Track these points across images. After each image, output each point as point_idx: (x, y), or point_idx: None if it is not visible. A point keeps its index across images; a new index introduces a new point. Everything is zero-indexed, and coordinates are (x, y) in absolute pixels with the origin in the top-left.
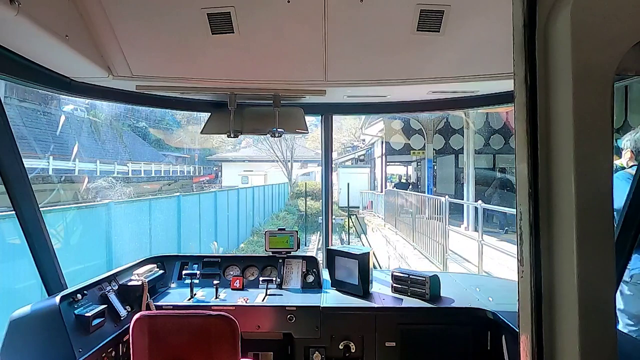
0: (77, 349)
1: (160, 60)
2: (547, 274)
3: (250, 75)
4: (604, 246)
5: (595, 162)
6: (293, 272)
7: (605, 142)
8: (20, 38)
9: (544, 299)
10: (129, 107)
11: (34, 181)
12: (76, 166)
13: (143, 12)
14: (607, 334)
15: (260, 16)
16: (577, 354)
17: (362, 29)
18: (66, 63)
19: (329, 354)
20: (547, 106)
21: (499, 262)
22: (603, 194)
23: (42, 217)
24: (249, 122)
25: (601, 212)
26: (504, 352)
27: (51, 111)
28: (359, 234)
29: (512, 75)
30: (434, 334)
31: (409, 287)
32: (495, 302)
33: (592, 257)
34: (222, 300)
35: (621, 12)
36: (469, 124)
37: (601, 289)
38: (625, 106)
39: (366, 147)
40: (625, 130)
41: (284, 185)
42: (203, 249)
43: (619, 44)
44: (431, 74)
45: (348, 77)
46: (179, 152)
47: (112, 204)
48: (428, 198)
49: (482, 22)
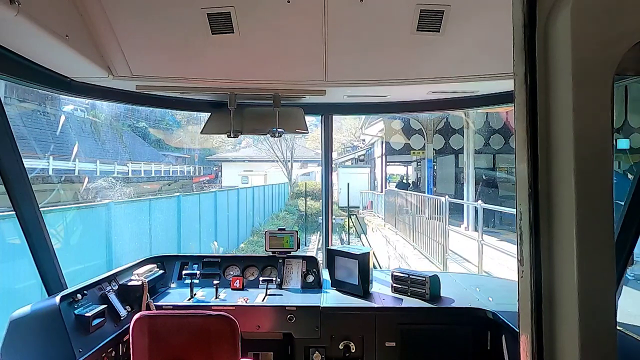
0: (77, 349)
1: (160, 60)
2: (547, 274)
3: (250, 75)
4: (604, 246)
5: (595, 162)
6: (293, 272)
7: (605, 142)
8: (20, 38)
9: (544, 299)
10: (129, 107)
11: (34, 181)
12: (76, 166)
13: (143, 12)
14: (607, 334)
15: (260, 16)
16: (577, 354)
17: (362, 29)
18: (66, 63)
19: (329, 354)
20: (547, 106)
21: (499, 262)
22: (603, 194)
23: (42, 217)
24: (249, 122)
25: (601, 212)
26: (504, 352)
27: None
28: (359, 234)
29: (512, 75)
30: (434, 334)
31: (409, 287)
32: (495, 302)
33: (592, 257)
34: (222, 300)
35: (621, 12)
36: (469, 124)
37: (601, 289)
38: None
39: (366, 147)
40: (626, 130)
41: (284, 185)
42: (203, 249)
43: (619, 44)
44: (431, 74)
45: (348, 77)
46: (179, 152)
47: (112, 204)
48: (428, 198)
49: (482, 22)
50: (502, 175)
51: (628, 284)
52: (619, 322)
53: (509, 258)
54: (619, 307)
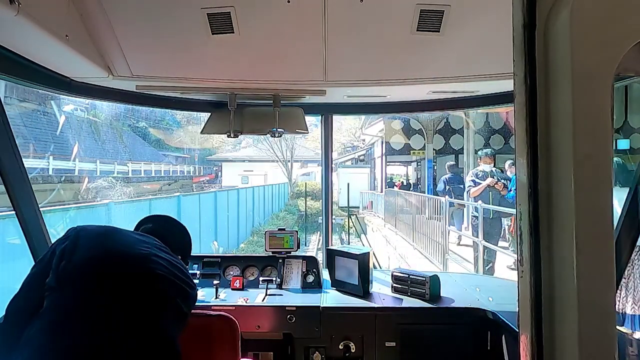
0: None
1: (160, 60)
2: (547, 274)
3: (250, 75)
4: (604, 246)
5: (595, 162)
6: (293, 272)
7: (605, 142)
8: (20, 38)
9: (543, 299)
10: (129, 107)
11: (34, 181)
12: (76, 166)
13: (143, 12)
14: (607, 334)
15: (260, 16)
16: (577, 354)
17: (362, 29)
18: (66, 63)
19: (329, 354)
20: (547, 106)
21: (499, 261)
22: (603, 194)
23: (42, 217)
24: (249, 122)
25: (601, 212)
26: (504, 352)
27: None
28: (359, 234)
29: (512, 75)
30: (434, 334)
31: (409, 287)
32: (495, 302)
33: (592, 257)
34: (222, 300)
35: (621, 12)
36: (469, 124)
37: (601, 289)
38: (625, 106)
39: (366, 147)
40: (626, 130)
41: (284, 185)
42: (203, 249)
43: (619, 44)
44: (431, 74)
45: (348, 77)
46: (179, 152)
47: (112, 204)
48: (428, 198)
49: (482, 22)
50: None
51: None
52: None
53: (508, 258)
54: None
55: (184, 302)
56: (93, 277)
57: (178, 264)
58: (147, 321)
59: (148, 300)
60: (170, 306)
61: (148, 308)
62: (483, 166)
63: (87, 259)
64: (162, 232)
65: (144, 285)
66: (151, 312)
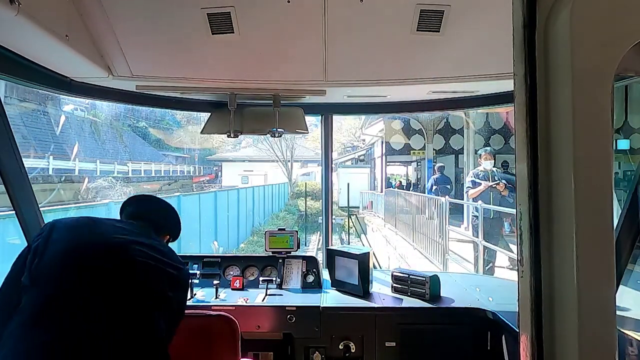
0: None
1: (160, 60)
2: (547, 274)
3: (250, 75)
4: (604, 246)
5: (595, 162)
6: (293, 272)
7: (605, 142)
8: (20, 38)
9: (544, 299)
10: (129, 107)
11: (34, 181)
12: (76, 166)
13: (143, 12)
14: (607, 334)
15: (260, 16)
16: (577, 354)
17: (362, 29)
18: (66, 63)
19: (329, 354)
20: (547, 106)
21: (499, 262)
22: (603, 194)
23: (42, 217)
24: (249, 122)
25: (601, 212)
26: (504, 352)
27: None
28: (359, 234)
29: (512, 75)
30: (434, 334)
31: (409, 287)
32: (495, 302)
33: (592, 257)
34: (222, 300)
35: (621, 12)
36: (469, 124)
37: (601, 289)
38: (625, 106)
39: (366, 147)
40: (626, 130)
41: (284, 185)
42: (203, 249)
43: (619, 44)
44: (431, 74)
45: (348, 77)
46: (179, 152)
47: (112, 203)
48: (428, 198)
49: (482, 22)
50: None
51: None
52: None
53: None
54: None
55: (171, 286)
56: (68, 270)
57: (160, 247)
58: (132, 310)
59: (130, 289)
60: (155, 292)
61: (131, 297)
62: (484, 163)
63: (61, 253)
64: (145, 214)
65: (124, 274)
66: (135, 301)
